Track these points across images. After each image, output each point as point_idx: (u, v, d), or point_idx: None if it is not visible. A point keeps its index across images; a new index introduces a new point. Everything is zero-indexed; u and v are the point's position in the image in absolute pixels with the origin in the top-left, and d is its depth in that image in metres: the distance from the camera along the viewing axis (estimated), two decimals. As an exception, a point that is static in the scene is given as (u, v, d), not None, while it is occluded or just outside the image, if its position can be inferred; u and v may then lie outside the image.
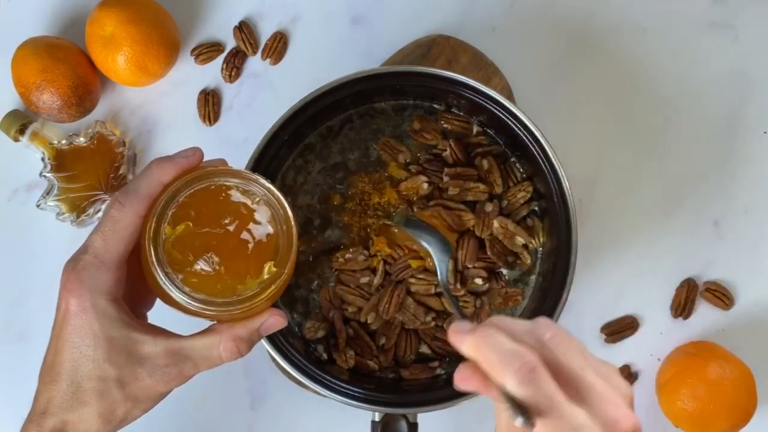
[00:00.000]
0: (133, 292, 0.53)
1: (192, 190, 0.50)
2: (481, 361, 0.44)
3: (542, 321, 0.46)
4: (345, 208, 0.69)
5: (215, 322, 0.53)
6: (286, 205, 0.51)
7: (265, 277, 0.51)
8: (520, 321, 0.46)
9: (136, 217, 0.50)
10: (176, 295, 0.49)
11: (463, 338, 0.45)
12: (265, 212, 0.51)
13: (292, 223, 0.51)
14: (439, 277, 0.63)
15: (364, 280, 0.68)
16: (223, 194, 0.51)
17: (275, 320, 0.53)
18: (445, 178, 0.68)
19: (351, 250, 0.68)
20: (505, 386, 0.43)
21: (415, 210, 0.68)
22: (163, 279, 0.49)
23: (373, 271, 0.68)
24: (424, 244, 0.65)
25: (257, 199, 0.51)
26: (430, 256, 0.64)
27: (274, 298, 0.52)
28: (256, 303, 0.50)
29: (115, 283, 0.50)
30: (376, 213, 0.69)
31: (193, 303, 0.49)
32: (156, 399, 0.51)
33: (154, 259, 0.49)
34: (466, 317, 0.54)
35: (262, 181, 0.51)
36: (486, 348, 0.44)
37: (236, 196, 0.51)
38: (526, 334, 0.45)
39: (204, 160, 0.53)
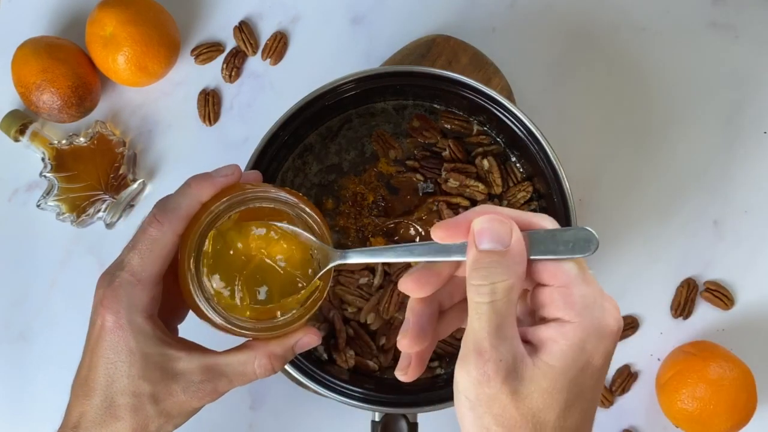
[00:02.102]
0: (166, 306, 0.52)
1: (233, 213, 0.50)
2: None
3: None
4: (339, 212, 0.69)
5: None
6: (322, 223, 0.51)
7: (303, 298, 0.51)
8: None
9: (174, 236, 0.50)
10: (216, 319, 0.49)
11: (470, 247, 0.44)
12: (302, 232, 0.51)
13: (330, 242, 0.51)
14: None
15: (363, 280, 0.68)
16: (264, 215, 0.51)
17: (310, 338, 0.53)
18: (444, 173, 0.68)
19: None
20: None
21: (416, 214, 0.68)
22: (204, 304, 0.49)
23: (372, 271, 0.68)
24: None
25: (294, 220, 0.51)
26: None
27: (310, 318, 0.52)
28: (295, 325, 0.51)
29: (150, 300, 0.50)
30: (371, 213, 0.69)
31: (231, 327, 0.50)
32: (189, 415, 0.51)
33: (194, 285, 0.49)
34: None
35: (301, 204, 0.51)
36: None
37: (276, 216, 0.51)
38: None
39: (241, 171, 0.53)
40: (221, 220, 0.50)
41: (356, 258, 0.50)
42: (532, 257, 0.44)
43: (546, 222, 0.45)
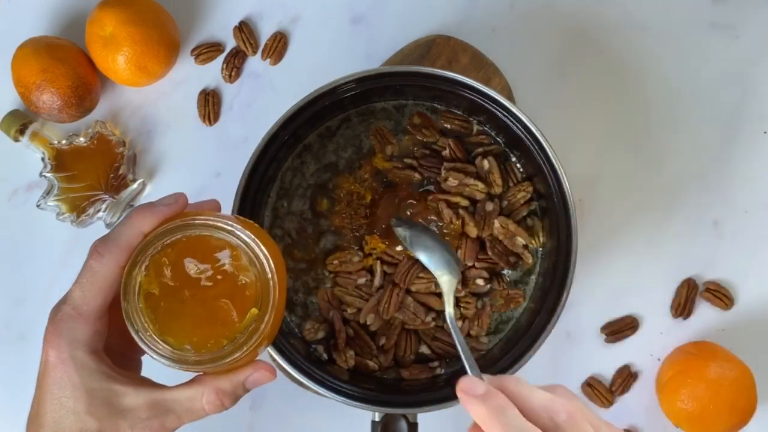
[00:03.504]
0: (120, 338, 0.51)
1: (168, 241, 0.49)
2: None
3: (560, 396, 0.45)
4: (334, 211, 0.69)
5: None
6: (267, 253, 0.49)
7: (246, 328, 0.49)
8: (538, 391, 0.45)
9: (114, 267, 0.49)
10: (150, 353, 0.48)
11: (472, 403, 0.44)
12: (246, 261, 0.49)
13: (270, 274, 0.49)
14: (446, 314, 0.60)
15: (361, 281, 0.68)
16: (202, 244, 0.49)
17: (261, 374, 0.51)
18: (444, 172, 0.68)
19: (345, 252, 0.68)
20: None
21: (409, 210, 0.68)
22: (135, 336, 0.48)
23: (369, 271, 0.68)
24: (425, 260, 0.64)
25: (236, 248, 0.49)
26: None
27: (259, 349, 0.50)
28: (238, 357, 0.48)
29: (94, 334, 0.49)
30: (367, 212, 0.69)
31: (166, 361, 0.48)
32: None
33: (126, 315, 0.48)
34: (477, 370, 0.52)
35: (239, 231, 0.49)
36: (495, 424, 0.43)
37: (215, 244, 0.49)
38: (542, 409, 0.44)
39: (186, 200, 0.52)
40: (154, 250, 0.48)
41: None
42: None
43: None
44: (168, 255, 0.49)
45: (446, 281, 0.63)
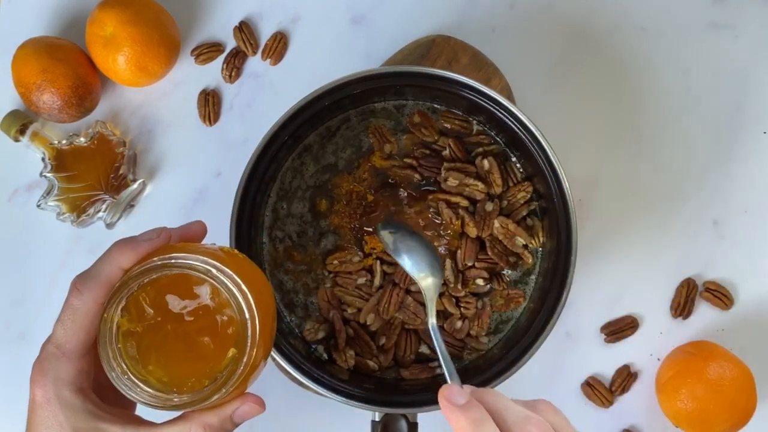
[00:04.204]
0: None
1: (145, 281, 0.47)
2: None
3: (541, 412, 0.45)
4: (333, 211, 0.69)
5: None
6: (246, 291, 0.47)
7: (225, 368, 0.47)
8: (515, 407, 0.45)
9: (94, 304, 0.48)
10: (129, 396, 0.47)
11: (452, 411, 0.45)
12: (225, 297, 0.48)
13: (248, 313, 0.47)
14: (429, 324, 0.60)
15: (361, 280, 0.68)
16: (183, 280, 0.48)
17: (249, 407, 0.50)
18: (444, 172, 0.68)
19: (345, 252, 0.68)
20: None
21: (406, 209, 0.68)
22: (114, 381, 0.47)
23: (369, 270, 0.68)
24: (407, 265, 0.64)
25: (216, 286, 0.47)
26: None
27: (245, 384, 0.48)
28: (219, 398, 0.47)
29: (78, 373, 0.49)
30: (366, 210, 0.69)
31: (146, 404, 0.47)
32: None
33: (102, 360, 0.47)
34: (458, 379, 0.53)
35: (216, 271, 0.47)
36: None
37: (196, 280, 0.48)
38: (514, 425, 0.44)
39: (169, 235, 0.51)
40: (128, 291, 0.47)
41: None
42: None
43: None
44: (148, 292, 0.48)
45: (430, 285, 0.63)
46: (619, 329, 0.74)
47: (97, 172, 0.73)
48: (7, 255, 0.76)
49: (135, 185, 0.74)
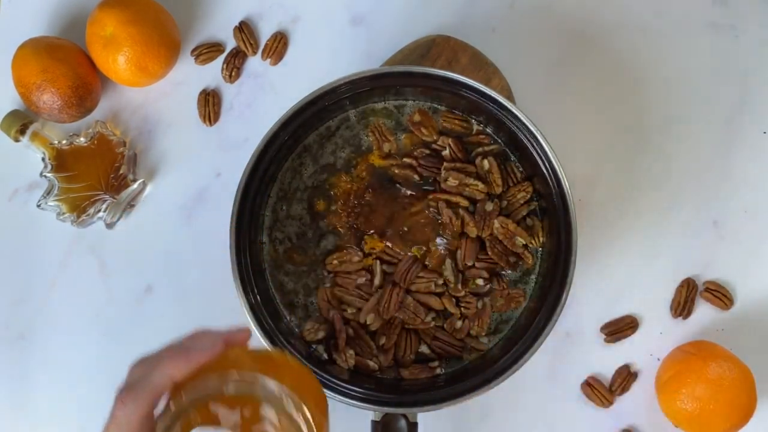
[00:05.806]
0: None
1: (203, 403, 0.45)
2: None
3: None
4: (331, 211, 0.69)
5: None
6: (306, 412, 0.45)
7: None
8: None
9: (139, 417, 0.46)
10: None
11: None
12: (286, 412, 0.45)
13: (311, 426, 0.45)
14: None
15: (361, 280, 0.68)
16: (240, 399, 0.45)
17: None
18: (443, 172, 0.68)
19: (344, 251, 0.68)
20: None
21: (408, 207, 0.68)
22: None
23: (369, 270, 0.68)
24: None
25: (283, 410, 0.45)
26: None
27: None
28: None
29: None
30: (364, 210, 0.69)
31: None
32: None
33: None
34: None
35: (287, 396, 0.45)
36: None
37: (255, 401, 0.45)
38: None
39: (223, 344, 0.49)
40: (183, 419, 0.45)
41: None
42: None
43: None
44: (202, 412, 0.45)
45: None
46: (619, 329, 0.74)
47: (97, 172, 0.73)
48: (7, 255, 0.76)
49: (135, 185, 0.74)
